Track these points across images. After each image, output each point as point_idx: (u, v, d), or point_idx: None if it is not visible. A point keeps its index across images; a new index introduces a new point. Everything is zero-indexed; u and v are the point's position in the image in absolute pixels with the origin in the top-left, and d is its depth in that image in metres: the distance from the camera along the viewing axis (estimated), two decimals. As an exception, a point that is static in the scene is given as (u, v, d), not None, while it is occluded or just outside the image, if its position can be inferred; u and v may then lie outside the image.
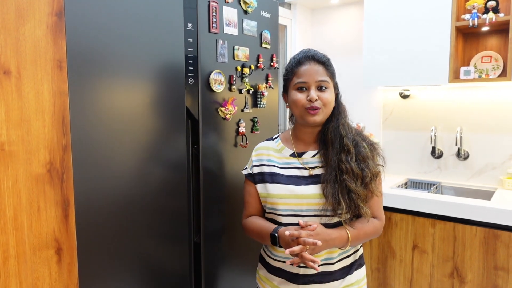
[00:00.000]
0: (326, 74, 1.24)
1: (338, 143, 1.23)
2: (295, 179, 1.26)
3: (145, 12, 1.24)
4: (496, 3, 2.27)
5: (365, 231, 1.24)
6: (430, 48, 2.42)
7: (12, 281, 0.88)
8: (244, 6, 1.61)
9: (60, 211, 0.96)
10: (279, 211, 1.25)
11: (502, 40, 2.46)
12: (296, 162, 1.29)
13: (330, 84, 1.24)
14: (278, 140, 1.37)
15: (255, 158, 1.35)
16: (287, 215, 1.24)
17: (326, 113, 1.25)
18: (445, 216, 2.22)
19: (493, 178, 2.58)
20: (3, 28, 0.84)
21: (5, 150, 0.85)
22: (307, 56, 1.25)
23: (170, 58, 1.33)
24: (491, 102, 2.54)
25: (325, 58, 1.27)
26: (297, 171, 1.27)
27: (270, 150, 1.34)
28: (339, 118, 1.27)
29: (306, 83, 1.22)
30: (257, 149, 1.37)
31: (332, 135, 1.25)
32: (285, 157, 1.31)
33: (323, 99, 1.22)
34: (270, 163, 1.31)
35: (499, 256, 2.06)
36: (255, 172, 1.33)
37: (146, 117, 1.28)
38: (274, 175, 1.28)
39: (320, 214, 1.21)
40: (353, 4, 3.08)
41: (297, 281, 1.26)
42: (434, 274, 2.29)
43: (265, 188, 1.29)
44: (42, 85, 0.91)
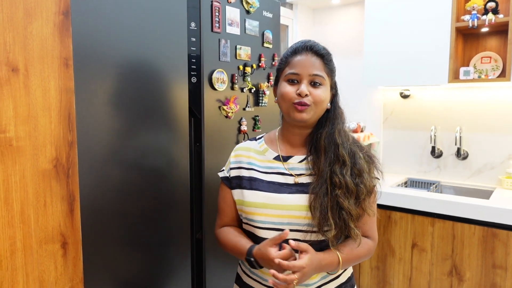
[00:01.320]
0: (322, 69, 1.07)
1: (332, 152, 1.07)
2: (277, 186, 1.09)
3: (149, 12, 1.26)
4: (496, 4, 2.29)
5: (357, 254, 1.09)
6: (430, 49, 2.44)
7: (19, 273, 0.90)
8: (247, 6, 1.63)
9: (65, 205, 0.98)
10: (256, 222, 1.09)
11: (502, 41, 2.48)
12: (280, 166, 1.12)
13: (325, 81, 1.08)
14: (262, 141, 1.19)
15: (234, 159, 1.18)
16: (265, 228, 1.08)
17: (317, 112, 1.08)
18: (444, 215, 2.24)
19: (492, 178, 2.60)
20: (11, 26, 0.86)
21: (13, 146, 0.87)
22: (305, 46, 1.08)
23: (174, 57, 1.35)
24: (490, 102, 2.56)
25: (324, 51, 1.10)
26: (280, 177, 1.11)
27: (251, 152, 1.17)
28: (335, 124, 1.11)
29: (299, 75, 1.06)
30: (237, 149, 1.20)
31: (325, 142, 1.08)
32: (268, 160, 1.14)
33: (315, 96, 1.05)
34: (250, 166, 1.15)
35: (497, 254, 2.08)
36: (232, 175, 1.16)
37: (150, 115, 1.30)
38: (253, 180, 1.12)
39: (303, 230, 1.05)
40: (354, 5, 3.10)
41: None
42: (433, 272, 2.31)
43: (241, 195, 1.12)
44: (49, 82, 0.93)
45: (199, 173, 1.53)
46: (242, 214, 1.13)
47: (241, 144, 1.22)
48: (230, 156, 1.20)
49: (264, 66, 1.76)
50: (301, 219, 1.05)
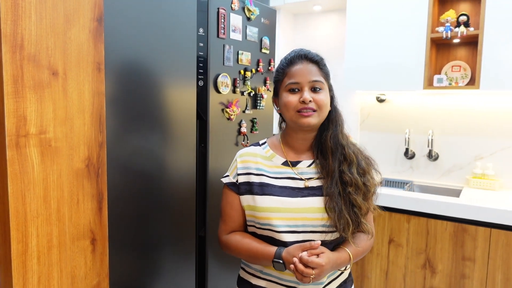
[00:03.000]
0: (320, 74, 1.12)
1: (339, 152, 1.12)
2: (290, 191, 1.12)
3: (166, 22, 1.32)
4: (467, 18, 2.50)
5: (363, 248, 1.16)
6: (407, 57, 2.62)
7: (54, 269, 0.94)
8: (248, 13, 1.71)
9: (95, 203, 1.02)
10: (270, 225, 1.10)
11: (470, 51, 2.70)
12: (289, 171, 1.15)
13: (324, 85, 1.13)
14: (266, 146, 1.21)
15: (241, 165, 1.18)
16: (284, 232, 1.09)
17: (322, 116, 1.13)
18: (419, 212, 2.42)
19: (460, 178, 2.82)
20: (53, 32, 0.90)
21: (52, 146, 0.91)
22: (299, 55, 1.13)
23: (184, 61, 1.41)
24: (460, 107, 2.78)
25: (318, 57, 1.15)
26: (291, 182, 1.13)
27: (258, 157, 1.18)
28: (337, 125, 1.16)
29: (299, 84, 1.10)
30: (242, 155, 1.20)
31: (332, 144, 1.13)
32: (276, 165, 1.16)
33: (318, 100, 1.09)
34: (259, 172, 1.16)
35: (467, 248, 2.28)
36: (240, 181, 1.16)
37: (162, 117, 1.35)
38: (264, 185, 1.13)
39: (317, 231, 1.09)
40: (335, 11, 3.24)
41: None
42: (408, 266, 2.48)
43: (252, 201, 1.13)
44: (84, 85, 0.97)
45: (204, 173, 1.60)
46: (254, 219, 1.14)
47: (246, 150, 1.22)
48: (235, 162, 1.20)
49: (262, 70, 1.85)
50: (315, 220, 1.09)
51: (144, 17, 1.24)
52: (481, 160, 2.73)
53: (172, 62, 1.37)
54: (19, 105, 0.85)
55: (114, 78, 1.16)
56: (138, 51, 1.23)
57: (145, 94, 1.28)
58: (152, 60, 1.29)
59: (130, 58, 1.21)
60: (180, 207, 1.46)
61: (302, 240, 1.09)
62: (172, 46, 1.36)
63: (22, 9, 0.84)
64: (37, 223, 0.90)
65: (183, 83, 1.42)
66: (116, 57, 1.17)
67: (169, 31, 1.34)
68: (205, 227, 1.63)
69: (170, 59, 1.36)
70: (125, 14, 1.18)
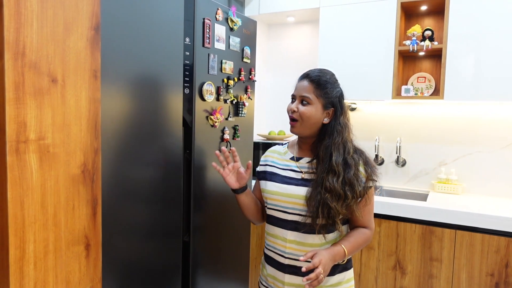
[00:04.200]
0: (312, 92, 1.32)
1: (327, 162, 1.30)
2: (288, 179, 1.38)
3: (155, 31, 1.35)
4: (432, 32, 2.68)
5: (358, 243, 1.35)
6: (377, 68, 2.76)
7: (50, 274, 0.94)
8: (231, 24, 1.77)
9: (90, 209, 1.03)
10: (268, 204, 1.42)
11: (434, 63, 2.89)
12: (293, 165, 1.41)
13: (312, 101, 1.31)
14: (286, 145, 1.52)
15: (263, 159, 1.53)
16: (274, 209, 1.40)
17: (306, 126, 1.33)
18: (390, 216, 2.54)
19: (426, 182, 2.99)
20: (53, 40, 0.91)
21: (50, 152, 0.92)
22: (305, 74, 1.38)
23: (172, 69, 1.44)
24: (425, 116, 2.96)
25: (317, 78, 1.34)
26: (292, 173, 1.39)
27: (276, 153, 1.50)
28: (331, 138, 1.32)
29: (295, 96, 1.36)
30: (268, 151, 1.55)
31: (323, 153, 1.33)
32: (285, 159, 1.45)
33: (300, 112, 1.32)
34: (272, 164, 1.47)
35: (434, 249, 2.42)
36: (259, 170, 1.51)
37: (150, 124, 1.37)
38: (273, 174, 1.43)
39: (302, 214, 1.32)
40: (308, 23, 3.36)
41: (283, 270, 1.38)
42: (379, 268, 2.59)
43: (264, 185, 1.44)
44: (81, 92, 0.99)
45: (188, 179, 1.62)
46: (264, 199, 1.45)
47: (272, 148, 1.56)
48: (263, 156, 1.55)
49: (244, 79, 1.90)
50: (302, 206, 1.33)
51: (134, 27, 1.27)
52: (445, 166, 2.91)
53: (160, 70, 1.39)
54: (20, 111, 0.85)
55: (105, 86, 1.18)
56: (128, 59, 1.26)
57: (135, 101, 1.30)
58: (142, 68, 1.32)
59: (121, 66, 1.23)
60: (166, 212, 1.48)
61: (291, 220, 1.36)
62: (161, 55, 1.39)
63: (25, 17, 0.85)
64: (34, 229, 0.90)
65: (171, 91, 1.45)
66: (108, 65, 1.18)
67: (158, 39, 1.37)
68: (189, 232, 1.65)
69: (159, 67, 1.38)
70: (117, 24, 1.20)
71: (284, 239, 1.36)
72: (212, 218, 1.79)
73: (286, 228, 1.35)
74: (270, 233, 1.43)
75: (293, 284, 1.37)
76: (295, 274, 1.36)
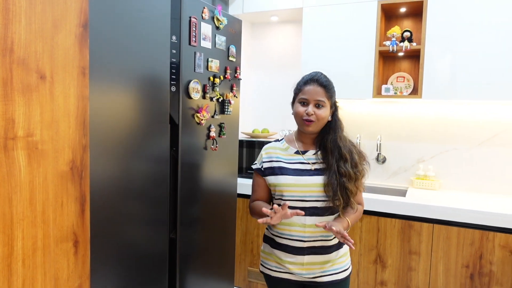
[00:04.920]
0: (324, 96, 1.53)
1: (337, 152, 1.54)
2: (300, 171, 1.56)
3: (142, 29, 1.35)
4: (410, 33, 2.75)
5: (357, 216, 1.62)
6: (358, 68, 2.83)
7: (38, 272, 0.94)
8: (217, 23, 1.78)
9: (78, 206, 1.04)
10: (285, 195, 1.55)
11: (413, 63, 2.97)
12: (300, 158, 1.59)
13: (326, 104, 1.53)
14: (283, 141, 1.67)
15: (266, 155, 1.64)
16: (291, 199, 1.54)
17: (319, 125, 1.54)
18: (370, 211, 2.60)
19: (405, 179, 3.07)
20: (41, 36, 0.91)
21: (38, 149, 0.92)
22: (313, 79, 1.56)
23: (159, 67, 1.45)
24: (404, 115, 3.04)
25: (326, 82, 1.55)
26: (301, 165, 1.57)
27: (277, 149, 1.64)
28: (336, 132, 1.57)
29: (307, 100, 1.52)
30: (266, 148, 1.66)
31: (331, 145, 1.55)
32: (290, 154, 1.61)
33: (318, 115, 1.51)
34: (278, 159, 1.61)
35: (413, 242, 2.50)
36: (265, 167, 1.62)
37: (137, 122, 1.37)
38: (282, 168, 1.57)
39: (319, 200, 1.52)
40: (292, 23, 3.40)
41: (302, 253, 1.55)
42: (361, 262, 2.66)
43: (275, 179, 1.57)
44: (69, 89, 0.99)
45: (175, 176, 1.63)
46: (276, 193, 1.59)
47: (269, 145, 1.68)
48: (261, 154, 1.66)
49: (229, 77, 1.92)
50: (318, 192, 1.53)
51: (122, 25, 1.27)
52: (423, 163, 3.00)
53: (147, 68, 1.40)
54: (8, 108, 0.85)
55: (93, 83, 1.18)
56: (116, 57, 1.26)
57: (122, 98, 1.31)
58: (130, 66, 1.32)
59: (109, 64, 1.23)
60: (152, 210, 1.49)
61: (310, 207, 1.53)
62: (148, 53, 1.40)
63: (13, 13, 0.85)
64: (22, 226, 0.90)
65: (157, 89, 1.46)
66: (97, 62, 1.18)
67: (145, 37, 1.38)
68: (176, 229, 1.66)
69: (145, 65, 1.39)
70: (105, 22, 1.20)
71: (303, 225, 1.53)
72: (198, 215, 1.80)
73: (305, 215, 1.50)
74: (285, 223, 1.55)
75: (312, 262, 1.57)
76: (314, 253, 1.56)
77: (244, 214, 2.91)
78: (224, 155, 1.97)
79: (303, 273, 1.57)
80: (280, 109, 3.48)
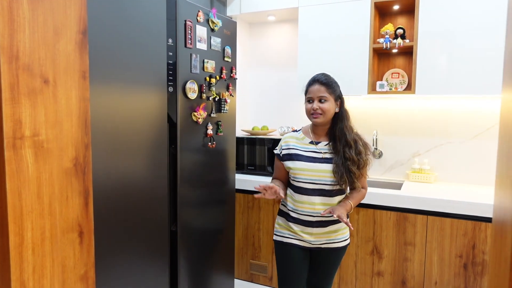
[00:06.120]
0: (326, 92, 1.84)
1: (344, 139, 1.85)
2: (312, 159, 1.88)
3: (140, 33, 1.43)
4: (403, 31, 2.82)
5: (359, 197, 1.97)
6: (353, 65, 2.89)
7: (47, 259, 1.03)
8: (212, 25, 1.86)
9: (82, 199, 1.12)
10: (298, 178, 1.89)
11: (407, 60, 3.03)
12: (313, 147, 1.91)
13: (328, 98, 1.84)
14: (300, 132, 2.00)
15: (284, 144, 1.98)
16: (303, 182, 1.88)
17: (326, 117, 1.84)
18: (367, 204, 2.68)
19: (401, 173, 3.14)
20: (44, 44, 0.99)
21: (44, 147, 1.01)
22: (314, 80, 1.88)
23: (156, 69, 1.53)
24: (399, 110, 3.11)
25: (326, 80, 1.86)
26: (313, 154, 1.89)
27: (294, 139, 1.97)
28: (343, 121, 1.88)
29: (312, 98, 1.85)
30: (285, 137, 1.99)
31: (339, 133, 1.86)
32: (305, 144, 1.93)
33: (322, 108, 1.82)
34: (294, 147, 1.94)
35: (408, 234, 2.57)
36: (283, 153, 1.96)
37: (137, 121, 1.46)
38: (298, 155, 1.90)
39: (327, 183, 1.85)
40: (288, 22, 3.47)
41: (311, 226, 1.90)
42: (358, 253, 2.73)
43: (292, 163, 1.91)
44: (71, 91, 1.07)
45: (174, 172, 1.71)
46: (291, 174, 1.92)
47: (288, 134, 2.01)
48: (281, 142, 1.99)
49: (225, 77, 2.00)
50: (326, 177, 1.85)
51: (120, 30, 1.36)
52: (419, 157, 3.06)
53: (145, 70, 1.48)
54: (15, 110, 0.94)
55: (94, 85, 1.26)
56: (115, 61, 1.34)
57: (122, 99, 1.39)
58: (128, 68, 1.40)
59: (109, 67, 1.32)
60: (153, 203, 1.57)
61: (318, 188, 1.86)
62: (145, 55, 1.48)
63: (17, 24, 0.93)
64: (31, 217, 0.99)
65: (156, 89, 1.54)
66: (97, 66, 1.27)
67: (142, 41, 1.46)
68: (176, 222, 1.74)
69: (144, 67, 1.47)
70: (104, 28, 1.28)
71: (312, 204, 1.87)
72: (197, 209, 1.89)
73: (314, 195, 1.86)
74: (298, 200, 1.90)
75: (320, 233, 1.92)
76: (321, 226, 1.91)
77: (246, 209, 2.99)
78: (222, 151, 2.05)
79: (312, 240, 1.91)
80: (279, 106, 3.56)
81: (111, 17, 1.30)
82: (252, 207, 2.95)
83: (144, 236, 1.52)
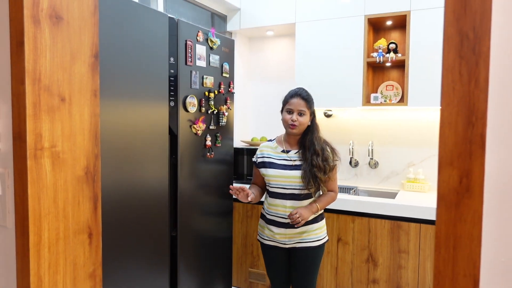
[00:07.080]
0: (305, 106, 2.07)
1: (312, 148, 2.05)
2: (283, 166, 2.10)
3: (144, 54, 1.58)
4: (396, 45, 2.95)
5: (327, 201, 2.18)
6: (349, 78, 3.03)
7: (60, 257, 1.16)
8: (211, 44, 2.01)
9: (92, 204, 1.25)
10: (271, 184, 2.12)
11: (400, 73, 3.17)
12: (284, 156, 2.13)
13: (306, 112, 2.08)
14: (274, 141, 2.23)
15: (259, 153, 2.20)
16: (276, 187, 2.11)
17: (301, 128, 2.07)
18: (362, 213, 2.78)
19: (396, 182, 3.25)
20: (62, 67, 1.13)
21: (60, 157, 1.14)
22: (297, 93, 2.09)
23: (159, 85, 1.67)
24: (394, 121, 3.23)
25: (307, 96, 2.09)
26: (284, 161, 2.11)
27: (268, 148, 2.20)
28: (313, 133, 2.10)
29: (292, 110, 2.05)
30: (261, 147, 2.23)
31: (309, 143, 2.08)
32: (277, 152, 2.16)
33: (300, 121, 2.05)
34: (268, 155, 2.17)
35: (402, 241, 2.67)
36: (259, 161, 2.19)
37: (141, 133, 1.60)
38: (271, 163, 2.13)
39: (296, 188, 2.06)
40: (286, 36, 3.62)
41: (284, 227, 2.12)
42: (354, 261, 2.83)
43: (265, 171, 2.14)
44: (84, 108, 1.21)
45: (175, 180, 1.84)
46: (266, 181, 2.14)
47: (264, 144, 2.25)
48: (257, 150, 2.21)
49: (223, 92, 2.14)
50: (296, 183, 2.07)
51: (127, 52, 1.50)
52: (413, 167, 3.17)
53: (149, 87, 1.62)
54: (37, 125, 1.07)
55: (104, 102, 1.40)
56: (122, 80, 1.48)
57: (128, 114, 1.53)
58: (133, 85, 1.55)
59: (116, 86, 1.46)
60: (155, 210, 1.70)
61: (289, 193, 2.08)
62: (149, 73, 1.62)
63: (40, 50, 1.08)
64: (48, 220, 1.12)
65: (158, 104, 1.68)
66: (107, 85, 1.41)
67: (146, 61, 1.60)
68: (176, 227, 1.87)
69: (147, 84, 1.61)
70: (114, 52, 1.43)
71: (284, 206, 2.09)
72: (196, 216, 2.01)
73: (285, 199, 2.08)
74: (272, 204, 2.12)
75: (292, 233, 2.12)
76: (292, 227, 2.10)
77: (245, 218, 3.10)
78: (220, 161, 2.18)
79: (286, 240, 2.12)
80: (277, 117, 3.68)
81: (119, 40, 1.45)
82: (251, 216, 3.07)
83: (146, 239, 1.64)
